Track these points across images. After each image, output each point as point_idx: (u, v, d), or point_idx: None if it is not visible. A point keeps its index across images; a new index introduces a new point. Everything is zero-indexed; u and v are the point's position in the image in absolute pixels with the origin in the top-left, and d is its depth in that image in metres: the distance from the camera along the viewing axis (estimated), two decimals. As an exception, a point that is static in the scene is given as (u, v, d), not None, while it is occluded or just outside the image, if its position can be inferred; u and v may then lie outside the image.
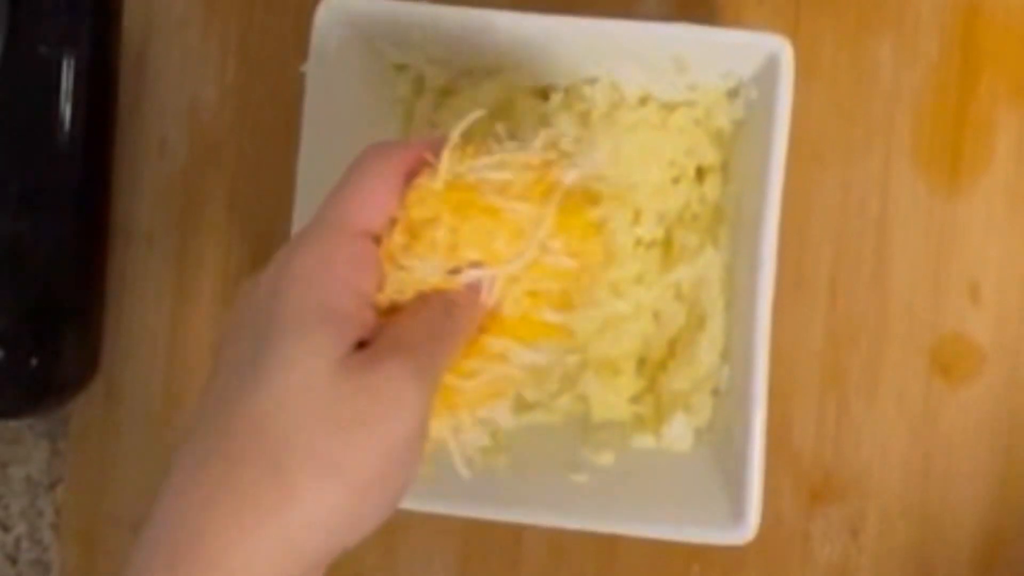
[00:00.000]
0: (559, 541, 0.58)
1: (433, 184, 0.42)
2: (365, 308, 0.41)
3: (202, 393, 0.41)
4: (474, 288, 0.42)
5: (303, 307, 0.39)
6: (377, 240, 0.42)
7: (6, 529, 0.63)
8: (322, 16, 0.51)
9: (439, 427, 0.43)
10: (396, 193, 0.42)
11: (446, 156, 0.42)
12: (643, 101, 0.53)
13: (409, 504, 0.50)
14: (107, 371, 0.61)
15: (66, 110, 0.59)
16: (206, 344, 0.61)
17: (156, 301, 0.61)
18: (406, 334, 0.40)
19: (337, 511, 0.38)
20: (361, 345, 0.40)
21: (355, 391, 0.38)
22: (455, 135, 0.42)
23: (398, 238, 0.42)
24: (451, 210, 0.42)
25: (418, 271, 0.41)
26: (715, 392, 0.52)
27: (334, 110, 0.52)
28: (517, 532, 0.58)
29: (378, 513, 0.40)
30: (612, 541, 0.57)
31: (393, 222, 0.42)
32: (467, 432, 0.44)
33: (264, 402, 0.38)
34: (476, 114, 0.43)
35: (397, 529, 0.59)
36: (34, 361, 0.59)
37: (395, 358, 0.39)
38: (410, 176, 0.42)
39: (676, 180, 0.53)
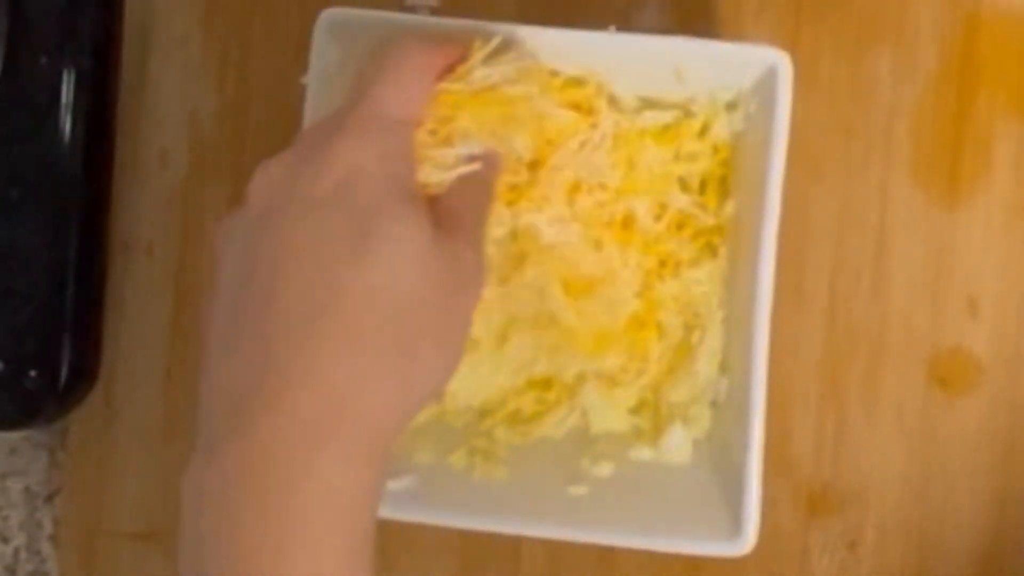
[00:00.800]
0: (558, 553, 0.58)
1: (459, 88, 0.46)
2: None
3: (234, 287, 0.42)
4: (492, 162, 0.46)
5: (388, 189, 0.42)
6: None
7: (5, 541, 0.63)
8: (321, 28, 0.51)
9: None
10: (430, 89, 0.45)
11: (474, 61, 0.46)
12: (641, 112, 0.53)
13: (408, 516, 0.50)
14: (106, 383, 0.61)
15: (66, 122, 0.59)
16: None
17: (156, 312, 0.61)
18: (461, 212, 0.44)
19: (439, 374, 0.42)
20: None
21: (448, 262, 0.41)
22: (485, 49, 0.46)
23: (423, 133, 0.45)
24: (472, 107, 0.45)
25: (439, 159, 0.45)
26: (713, 404, 0.52)
27: (334, 122, 0.52)
28: (516, 544, 0.58)
29: (448, 377, 0.43)
30: (610, 552, 0.57)
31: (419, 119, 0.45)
32: None
33: (376, 276, 0.40)
34: (497, 40, 0.47)
35: (397, 542, 0.59)
36: (33, 373, 0.59)
37: (461, 233, 0.43)
38: (439, 77, 0.46)
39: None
